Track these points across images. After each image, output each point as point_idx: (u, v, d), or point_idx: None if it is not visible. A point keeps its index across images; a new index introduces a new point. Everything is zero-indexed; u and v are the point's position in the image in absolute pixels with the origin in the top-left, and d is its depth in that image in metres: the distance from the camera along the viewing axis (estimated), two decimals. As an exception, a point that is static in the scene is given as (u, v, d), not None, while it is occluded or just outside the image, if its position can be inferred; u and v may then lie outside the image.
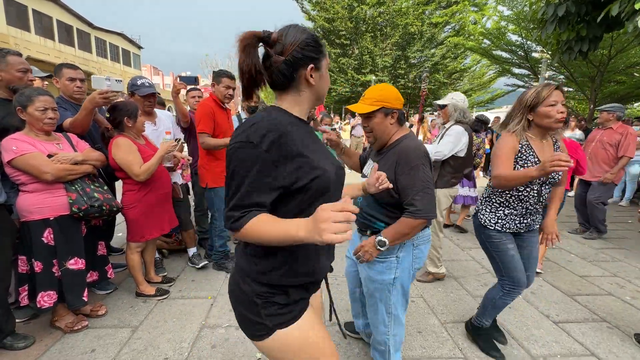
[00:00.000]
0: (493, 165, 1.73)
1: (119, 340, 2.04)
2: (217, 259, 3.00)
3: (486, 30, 11.03)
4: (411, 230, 1.40)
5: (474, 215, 1.98)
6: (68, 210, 1.94)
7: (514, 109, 1.74)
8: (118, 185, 2.51)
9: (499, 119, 10.63)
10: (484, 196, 1.92)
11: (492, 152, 1.77)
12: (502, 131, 1.78)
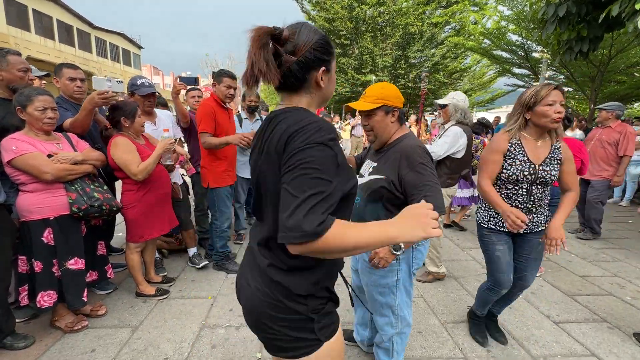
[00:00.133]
0: (479, 170, 1.81)
1: (119, 340, 2.04)
2: (218, 260, 3.00)
3: (486, 30, 11.00)
4: None
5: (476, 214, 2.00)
6: (68, 210, 1.94)
7: (514, 108, 1.75)
8: (118, 185, 2.51)
9: (499, 119, 10.64)
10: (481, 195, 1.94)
11: (481, 155, 1.80)
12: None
